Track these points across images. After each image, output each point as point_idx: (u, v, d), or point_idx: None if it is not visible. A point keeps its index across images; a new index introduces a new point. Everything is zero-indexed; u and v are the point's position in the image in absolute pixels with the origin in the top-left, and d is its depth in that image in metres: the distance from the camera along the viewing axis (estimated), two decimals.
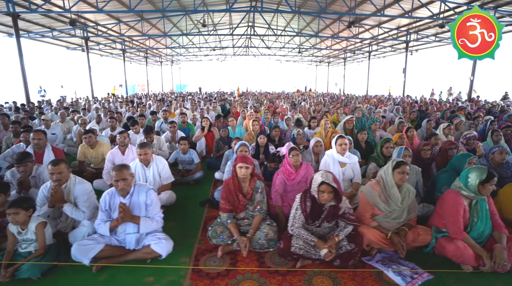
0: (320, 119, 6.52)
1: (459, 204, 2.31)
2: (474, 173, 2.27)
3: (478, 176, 2.24)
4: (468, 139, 4.42)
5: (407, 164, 2.47)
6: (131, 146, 4.04)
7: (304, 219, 2.34)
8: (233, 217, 2.68)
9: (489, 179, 2.21)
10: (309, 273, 2.22)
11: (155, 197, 2.49)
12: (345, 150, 3.35)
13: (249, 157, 2.71)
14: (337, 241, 2.25)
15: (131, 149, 3.99)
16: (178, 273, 2.24)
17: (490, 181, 2.21)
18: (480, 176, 2.23)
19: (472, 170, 2.30)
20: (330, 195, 2.22)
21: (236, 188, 2.69)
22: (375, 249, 2.44)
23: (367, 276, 2.18)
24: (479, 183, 2.24)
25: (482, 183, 2.23)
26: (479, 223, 2.30)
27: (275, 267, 2.30)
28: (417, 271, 2.16)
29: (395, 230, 2.48)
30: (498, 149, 3.39)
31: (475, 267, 2.23)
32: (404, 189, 2.50)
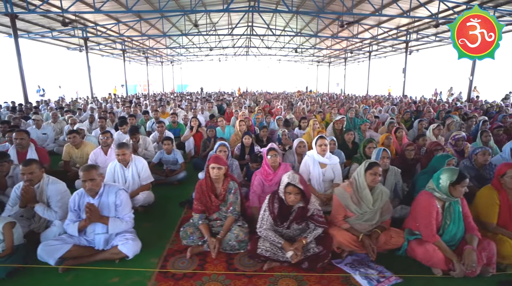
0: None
1: (431, 206, 2.27)
2: (445, 174, 2.23)
3: (449, 177, 2.20)
4: (456, 140, 4.35)
5: (379, 165, 2.43)
6: (114, 146, 4.03)
7: (272, 221, 2.31)
8: (205, 217, 2.65)
9: (459, 180, 2.17)
10: (276, 275, 2.19)
11: (125, 197, 2.48)
12: (325, 150, 3.32)
13: (222, 158, 2.69)
14: (304, 243, 2.22)
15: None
16: (144, 274, 2.22)
17: (461, 182, 2.17)
18: (451, 177, 2.19)
19: (444, 171, 2.26)
20: (297, 196, 2.19)
21: (208, 189, 2.66)
22: (346, 251, 2.40)
23: (334, 279, 2.14)
24: (450, 184, 2.19)
25: (453, 184, 2.19)
26: (451, 225, 2.25)
27: (242, 269, 2.27)
28: (385, 275, 2.12)
29: (367, 232, 2.44)
30: (481, 150, 3.34)
31: (445, 270, 2.18)
32: (377, 191, 2.46)
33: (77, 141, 4.24)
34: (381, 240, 2.39)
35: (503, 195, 2.44)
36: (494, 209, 2.44)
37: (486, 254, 2.16)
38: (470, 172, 3.37)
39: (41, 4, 11.09)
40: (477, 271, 2.12)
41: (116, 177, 3.34)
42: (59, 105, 11.25)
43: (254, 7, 15.26)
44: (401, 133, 4.85)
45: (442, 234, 2.26)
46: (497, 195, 2.44)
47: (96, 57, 24.11)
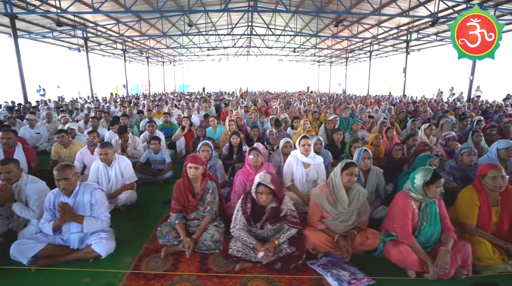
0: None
1: (407, 206, 2.24)
2: (419, 174, 2.20)
3: (423, 177, 2.17)
4: (447, 140, 4.30)
5: (356, 166, 2.40)
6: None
7: (245, 221, 2.29)
8: (182, 217, 2.65)
9: (433, 180, 2.13)
10: (248, 276, 2.18)
11: (100, 196, 2.48)
12: (308, 150, 3.29)
13: (200, 157, 2.67)
14: (276, 244, 2.20)
15: None
16: (116, 274, 2.22)
17: (435, 182, 2.13)
18: (425, 177, 2.16)
19: (419, 171, 2.23)
20: (268, 196, 2.18)
21: (186, 188, 2.65)
22: (322, 252, 2.38)
23: (306, 281, 2.12)
24: (424, 184, 2.16)
25: (427, 184, 2.16)
26: (427, 226, 2.22)
27: (215, 269, 2.26)
28: (356, 277, 2.10)
29: (344, 233, 2.42)
30: (466, 150, 3.29)
31: (419, 272, 2.15)
32: (353, 191, 2.43)
33: (65, 140, 4.25)
34: (356, 241, 2.36)
35: (483, 197, 2.40)
36: (473, 211, 2.40)
37: (461, 255, 2.13)
38: (456, 173, 3.34)
39: (40, 4, 11.18)
40: (450, 273, 2.09)
41: (100, 176, 3.35)
42: (57, 105, 11.31)
43: (253, 7, 15.26)
44: (392, 133, 4.81)
45: (418, 235, 2.23)
46: (477, 196, 2.40)
47: (98, 57, 24.26)
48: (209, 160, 3.49)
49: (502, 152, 3.39)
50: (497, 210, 2.39)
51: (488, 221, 2.37)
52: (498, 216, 2.38)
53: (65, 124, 5.86)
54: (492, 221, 2.38)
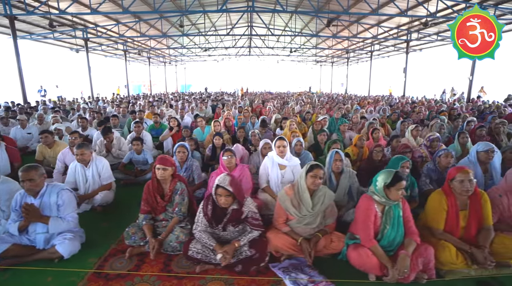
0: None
1: (369, 209, 2.21)
2: (381, 176, 2.18)
3: (384, 179, 2.14)
4: (431, 142, 4.25)
5: (321, 168, 2.39)
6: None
7: (206, 222, 2.29)
8: (150, 218, 2.66)
9: (394, 183, 2.11)
10: (208, 278, 2.17)
11: (67, 197, 2.49)
12: (283, 152, 3.27)
13: (169, 159, 2.68)
14: (237, 246, 2.19)
15: None
16: (79, 274, 2.23)
17: (395, 184, 2.11)
18: (386, 179, 2.13)
19: (381, 173, 2.20)
20: (227, 198, 2.17)
21: (154, 189, 2.67)
22: (285, 255, 2.37)
23: (264, 283, 2.11)
24: (385, 186, 2.14)
25: (388, 187, 2.13)
26: (390, 229, 2.19)
27: (176, 271, 2.26)
28: (314, 280, 2.08)
29: (308, 236, 2.40)
30: (443, 152, 3.25)
31: (380, 276, 2.13)
32: (318, 194, 2.42)
33: (49, 141, 4.30)
34: (320, 244, 2.35)
35: (452, 200, 2.36)
36: (441, 215, 2.36)
37: (423, 260, 2.10)
38: (433, 175, 3.29)
39: (39, 5, 11.32)
40: (410, 277, 2.06)
41: (77, 176, 3.38)
42: (56, 105, 11.43)
43: (251, 7, 15.26)
44: (378, 135, 4.76)
45: (381, 239, 2.21)
46: (446, 200, 2.36)
47: (100, 57, 24.48)
48: (186, 161, 3.50)
49: (481, 154, 3.33)
50: (465, 214, 2.35)
51: (456, 225, 2.34)
52: (466, 220, 2.34)
53: (54, 124, 5.92)
54: (460, 225, 2.34)
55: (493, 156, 3.30)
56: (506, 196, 2.51)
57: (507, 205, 2.49)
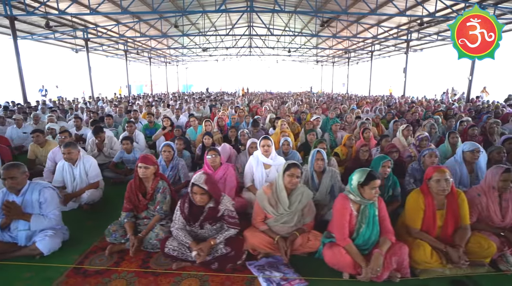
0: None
1: (344, 208, 2.23)
2: (356, 175, 2.19)
3: (358, 178, 2.16)
4: (420, 141, 4.25)
5: (298, 167, 2.40)
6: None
7: (183, 220, 2.31)
8: (132, 216, 2.69)
9: (368, 182, 2.12)
10: (183, 275, 2.20)
11: (49, 195, 2.53)
12: (268, 151, 3.30)
13: (150, 157, 2.71)
14: (212, 244, 2.21)
15: None
16: (59, 270, 2.26)
17: (369, 183, 2.12)
18: (359, 178, 2.15)
19: (356, 172, 2.22)
20: (203, 196, 2.20)
21: (136, 187, 2.70)
22: (262, 253, 2.39)
23: (239, 280, 2.13)
24: (359, 185, 2.15)
25: (362, 186, 2.15)
26: (365, 228, 2.20)
27: (154, 268, 2.29)
28: (288, 277, 2.10)
29: (286, 234, 2.42)
30: (428, 152, 3.24)
31: (354, 274, 2.14)
32: (296, 193, 2.43)
33: (41, 140, 4.35)
34: (297, 243, 2.36)
35: (429, 200, 2.36)
36: (418, 214, 2.37)
37: (397, 258, 2.11)
38: (417, 174, 3.29)
39: (39, 6, 11.43)
40: (384, 275, 2.07)
41: (65, 174, 3.43)
42: (56, 105, 11.53)
43: (250, 7, 15.29)
44: (368, 134, 4.76)
45: (356, 237, 2.22)
46: (423, 200, 2.37)
47: (102, 58, 24.63)
48: (171, 160, 3.53)
49: (467, 154, 3.33)
50: (442, 213, 2.36)
51: (433, 224, 2.34)
52: (443, 220, 2.35)
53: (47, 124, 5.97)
54: (437, 224, 2.34)
55: (478, 156, 3.30)
56: (484, 195, 2.51)
57: (485, 205, 2.50)
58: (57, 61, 26.96)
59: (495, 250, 2.23)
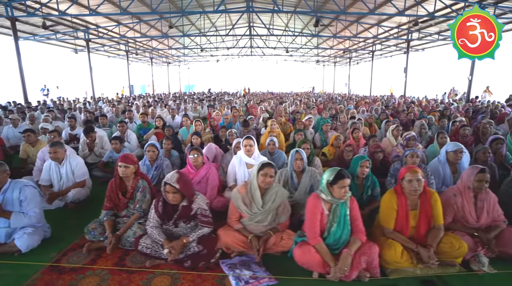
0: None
1: (315, 207, 2.24)
2: (326, 174, 2.21)
3: (327, 176, 2.18)
4: (407, 140, 4.24)
5: (272, 167, 2.43)
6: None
7: (158, 219, 2.35)
8: (112, 214, 2.73)
9: (336, 181, 2.14)
10: (156, 273, 2.23)
11: (29, 193, 2.58)
12: (250, 151, 3.33)
13: (130, 157, 2.75)
14: (185, 242, 2.25)
15: None
16: (35, 267, 2.31)
17: (337, 182, 2.13)
18: (329, 176, 2.17)
19: (326, 171, 2.24)
20: (175, 195, 2.23)
21: (117, 186, 2.74)
22: (236, 252, 2.41)
23: (209, 278, 2.16)
24: (328, 184, 2.17)
25: (331, 184, 2.16)
26: (336, 228, 2.21)
27: (130, 265, 2.32)
28: (257, 276, 2.12)
29: (260, 233, 2.44)
30: (409, 152, 3.24)
31: (323, 273, 2.15)
32: (270, 192, 2.46)
33: (32, 140, 4.42)
34: (270, 242, 2.39)
35: (402, 200, 2.36)
36: (391, 214, 2.37)
37: (366, 258, 2.12)
38: (398, 174, 3.29)
39: (40, 7, 11.58)
40: (352, 275, 2.09)
41: (52, 173, 3.49)
42: (56, 105, 11.66)
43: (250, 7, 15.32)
44: (358, 134, 4.78)
45: (327, 236, 2.23)
46: (396, 200, 2.37)
47: (104, 58, 24.84)
48: (156, 159, 3.57)
49: (450, 154, 3.33)
50: (415, 213, 2.36)
51: (406, 225, 2.35)
52: (416, 220, 2.35)
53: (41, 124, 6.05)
54: (410, 225, 2.35)
55: (461, 156, 3.30)
56: (460, 195, 2.51)
57: (461, 205, 2.50)
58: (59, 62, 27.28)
59: (466, 250, 2.24)
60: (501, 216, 2.50)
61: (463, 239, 2.31)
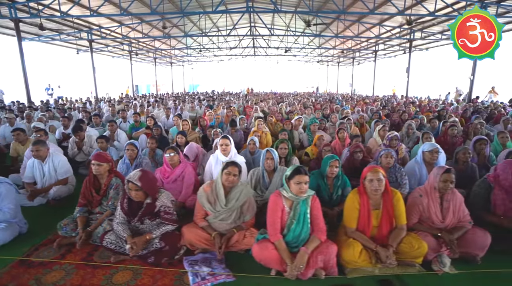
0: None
1: (276, 204, 2.27)
2: (287, 170, 2.25)
3: (287, 172, 2.21)
4: (390, 140, 4.23)
5: (236, 166, 2.47)
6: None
7: (124, 215, 2.41)
8: (86, 211, 2.80)
9: (292, 176, 2.17)
10: (120, 268, 2.29)
11: (4, 190, 2.67)
12: (226, 150, 3.38)
13: (104, 155, 2.82)
14: (148, 238, 2.30)
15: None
16: (6, 261, 2.39)
17: (293, 177, 2.17)
18: (287, 172, 2.20)
19: (290, 167, 2.26)
20: (137, 192, 2.28)
21: (90, 184, 2.82)
22: (199, 249, 2.46)
23: (170, 274, 2.21)
24: (286, 179, 2.21)
25: (288, 180, 2.20)
26: (295, 225, 2.24)
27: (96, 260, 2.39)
28: (214, 273, 2.16)
29: (225, 231, 2.48)
30: (384, 153, 3.25)
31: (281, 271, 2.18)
32: (235, 191, 2.50)
33: (21, 138, 4.53)
34: (233, 240, 2.43)
35: (364, 199, 2.37)
36: (353, 214, 2.39)
37: (323, 257, 2.14)
38: None
39: (43, 8, 11.82)
40: (308, 273, 2.11)
41: (35, 171, 3.59)
42: (57, 105, 11.90)
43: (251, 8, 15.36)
44: (343, 135, 4.77)
45: (287, 234, 2.26)
46: (358, 199, 2.39)
47: (108, 58, 25.18)
48: (135, 158, 3.64)
49: (426, 154, 3.32)
50: (378, 213, 2.37)
51: (368, 224, 2.36)
52: (378, 220, 2.36)
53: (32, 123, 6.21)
54: (372, 224, 2.36)
55: (437, 156, 3.29)
56: (426, 196, 2.51)
57: (427, 206, 2.49)
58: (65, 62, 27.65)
59: (425, 250, 2.24)
60: (466, 216, 2.49)
61: (425, 239, 2.31)
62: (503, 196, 2.61)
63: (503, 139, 4.47)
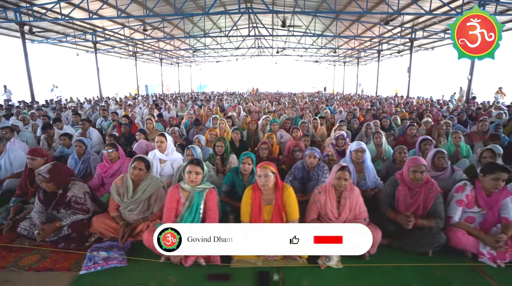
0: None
1: (172, 195, 2.47)
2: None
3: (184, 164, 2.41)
4: (336, 140, 4.30)
5: (142, 160, 2.67)
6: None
7: (41, 205, 2.64)
8: (20, 201, 3.08)
9: (186, 166, 2.40)
10: (33, 252, 2.51)
11: None
12: (161, 147, 3.57)
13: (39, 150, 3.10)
14: (57, 226, 2.53)
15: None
16: None
17: (186, 167, 2.41)
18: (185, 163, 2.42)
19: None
20: (48, 184, 2.51)
21: (26, 176, 3.09)
22: (108, 237, 2.66)
23: (71, 258, 2.42)
24: (182, 170, 2.40)
25: (183, 170, 2.42)
26: (187, 214, 2.41)
27: (13, 244, 2.63)
28: (108, 257, 2.35)
29: (133, 221, 2.68)
30: (308, 152, 3.35)
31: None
32: (143, 183, 2.69)
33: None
34: (138, 229, 2.61)
35: (256, 194, 2.47)
36: (246, 208, 2.52)
37: None
38: (296, 172, 3.42)
39: (45, 11, 12.46)
40: (189, 260, 2.27)
41: None
42: (57, 105, 12.50)
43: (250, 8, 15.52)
44: (297, 134, 4.86)
45: (180, 222, 2.41)
46: (251, 195, 2.52)
47: (116, 59, 26.00)
48: (83, 154, 3.89)
49: (352, 154, 3.39)
50: (270, 208, 2.49)
51: (259, 219, 2.47)
52: (270, 215, 2.48)
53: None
54: (263, 219, 2.48)
55: (362, 155, 3.35)
56: (324, 193, 2.61)
57: (324, 202, 2.59)
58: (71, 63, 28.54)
59: None
60: (363, 213, 2.57)
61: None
62: (405, 193, 2.68)
63: (455, 139, 4.44)
